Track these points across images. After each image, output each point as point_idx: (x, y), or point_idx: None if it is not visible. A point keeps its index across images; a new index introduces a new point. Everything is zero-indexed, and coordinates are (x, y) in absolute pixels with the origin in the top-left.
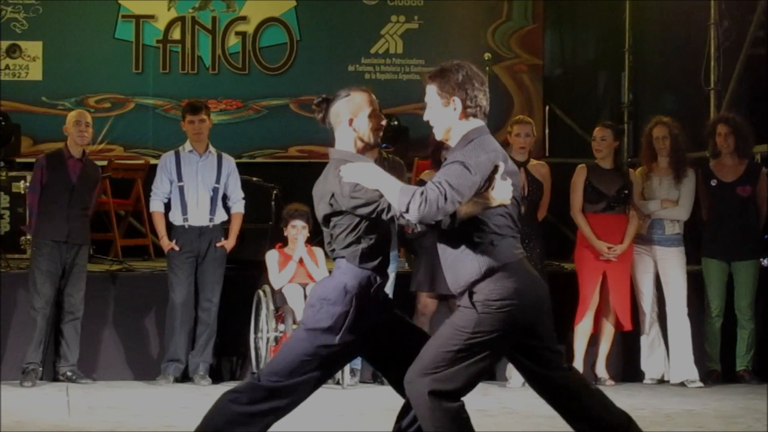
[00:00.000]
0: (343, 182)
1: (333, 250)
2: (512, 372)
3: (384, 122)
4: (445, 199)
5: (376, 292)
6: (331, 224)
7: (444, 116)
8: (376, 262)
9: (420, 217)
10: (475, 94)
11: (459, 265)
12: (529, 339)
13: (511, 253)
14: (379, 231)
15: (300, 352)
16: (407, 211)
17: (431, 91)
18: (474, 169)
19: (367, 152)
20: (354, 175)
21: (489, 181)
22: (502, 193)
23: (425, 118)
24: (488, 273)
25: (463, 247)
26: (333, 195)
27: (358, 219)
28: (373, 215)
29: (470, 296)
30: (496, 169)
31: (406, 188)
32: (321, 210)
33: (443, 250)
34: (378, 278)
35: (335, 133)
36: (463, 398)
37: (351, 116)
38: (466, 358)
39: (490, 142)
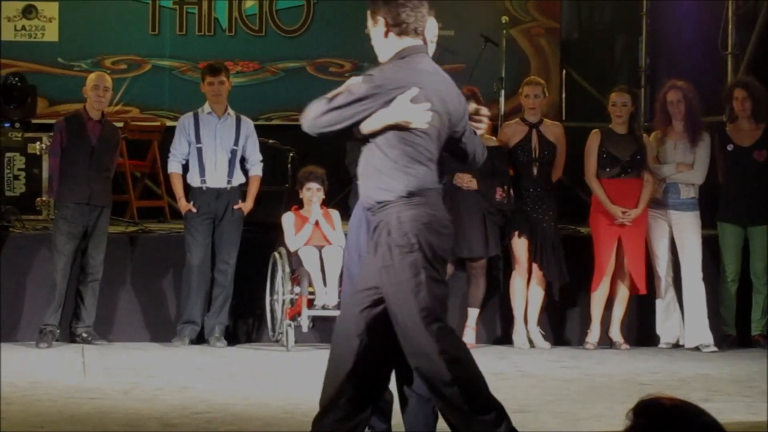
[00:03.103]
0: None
1: None
2: (517, 336)
3: None
4: (323, 113)
5: None
6: None
7: (375, 37)
8: None
9: (305, 128)
10: (398, 11)
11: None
12: None
13: (428, 180)
14: None
15: None
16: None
17: (368, 14)
18: (363, 88)
19: None
20: None
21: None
22: (404, 114)
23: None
24: (405, 196)
25: (378, 163)
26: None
27: None
28: None
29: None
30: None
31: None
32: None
33: (363, 160)
34: None
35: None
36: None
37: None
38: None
39: (416, 62)
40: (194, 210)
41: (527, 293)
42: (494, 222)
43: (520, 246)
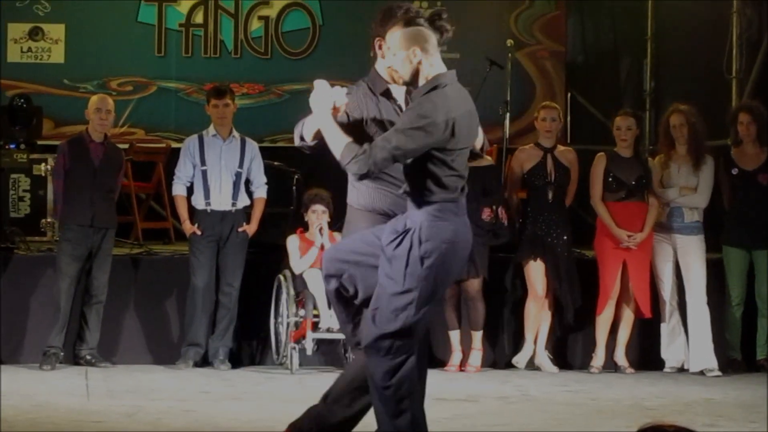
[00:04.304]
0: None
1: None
2: (519, 357)
3: None
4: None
5: None
6: None
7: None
8: None
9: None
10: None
11: None
12: None
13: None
14: None
15: None
16: (348, 165)
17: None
18: None
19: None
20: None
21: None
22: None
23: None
24: None
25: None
26: None
27: None
28: None
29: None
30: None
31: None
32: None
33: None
34: None
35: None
36: None
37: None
38: None
39: None
40: (199, 232)
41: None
42: (480, 242)
43: (534, 270)
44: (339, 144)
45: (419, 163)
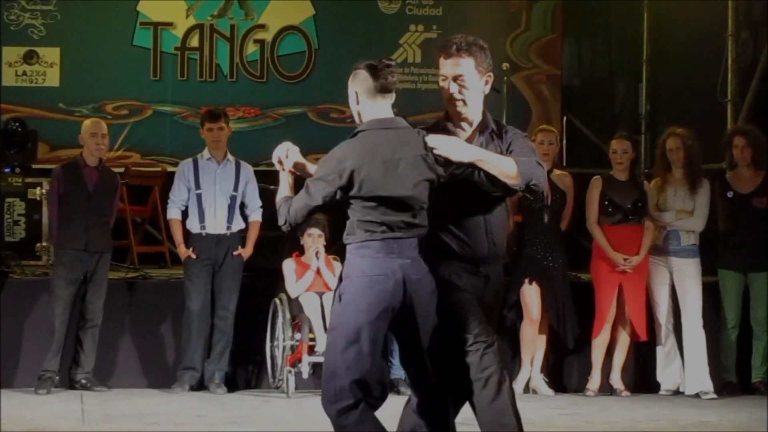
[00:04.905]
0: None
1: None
2: (521, 383)
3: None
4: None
5: None
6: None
7: (479, 92)
8: None
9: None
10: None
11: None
12: None
13: None
14: None
15: None
16: (537, 183)
17: (469, 65)
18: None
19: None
20: (448, 147)
21: None
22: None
23: (452, 91)
24: None
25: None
26: (428, 161)
27: None
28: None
29: None
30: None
31: (521, 161)
32: (416, 176)
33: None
34: None
35: (389, 101)
36: None
37: None
38: None
39: None
40: (194, 256)
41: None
42: None
43: (530, 294)
44: (277, 197)
45: (344, 207)
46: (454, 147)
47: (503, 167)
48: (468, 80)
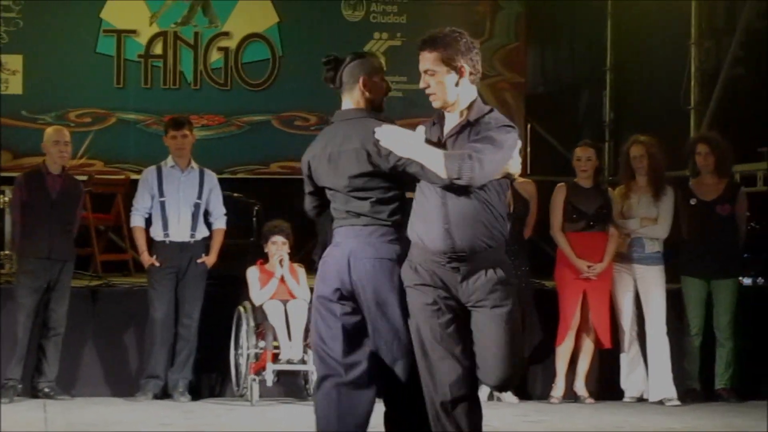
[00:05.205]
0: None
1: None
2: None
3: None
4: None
5: None
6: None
7: (448, 83)
8: None
9: (472, 180)
10: (477, 59)
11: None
12: None
13: None
14: None
15: None
16: (459, 177)
17: (433, 58)
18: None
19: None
20: (391, 139)
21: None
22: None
23: (422, 86)
24: None
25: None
26: (369, 154)
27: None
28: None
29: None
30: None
31: (450, 154)
32: (355, 168)
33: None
34: None
35: (345, 93)
36: None
37: (365, 76)
38: None
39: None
40: (157, 264)
41: None
42: None
43: None
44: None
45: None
46: (395, 140)
47: (430, 161)
48: (435, 74)
